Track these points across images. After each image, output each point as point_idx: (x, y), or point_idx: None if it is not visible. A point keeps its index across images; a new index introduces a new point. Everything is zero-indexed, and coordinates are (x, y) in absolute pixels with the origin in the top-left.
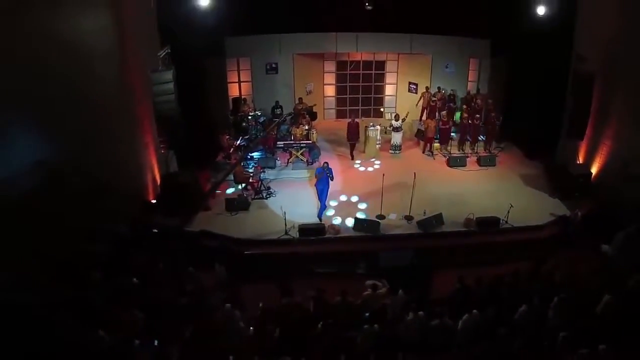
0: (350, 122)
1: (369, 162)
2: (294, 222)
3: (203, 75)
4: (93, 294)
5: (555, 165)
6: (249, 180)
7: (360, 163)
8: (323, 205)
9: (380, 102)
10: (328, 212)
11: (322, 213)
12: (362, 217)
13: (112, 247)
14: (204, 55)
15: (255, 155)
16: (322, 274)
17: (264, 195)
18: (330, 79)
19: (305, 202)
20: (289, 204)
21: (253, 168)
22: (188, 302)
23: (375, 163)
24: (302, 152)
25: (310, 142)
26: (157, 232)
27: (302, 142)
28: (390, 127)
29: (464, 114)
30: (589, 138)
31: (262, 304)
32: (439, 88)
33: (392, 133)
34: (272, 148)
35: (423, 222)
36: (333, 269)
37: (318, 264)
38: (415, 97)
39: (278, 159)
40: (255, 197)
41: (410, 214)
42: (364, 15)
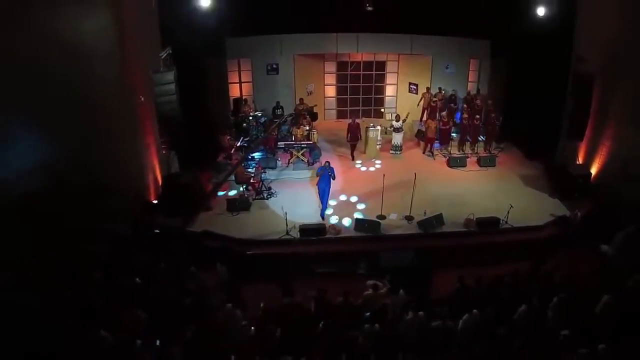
0: (351, 122)
1: (370, 162)
2: (295, 222)
3: (204, 76)
4: (95, 294)
5: (555, 166)
6: (250, 181)
7: (362, 163)
8: (325, 205)
9: (381, 102)
10: (327, 211)
11: (324, 212)
12: (359, 217)
13: (113, 247)
14: (205, 56)
15: (256, 156)
16: (323, 274)
17: (265, 196)
18: (331, 80)
19: (306, 202)
20: (290, 205)
21: (254, 168)
22: (190, 302)
23: (376, 163)
24: (302, 152)
25: (311, 142)
26: (158, 232)
27: (302, 142)
28: (391, 127)
29: (464, 115)
30: (589, 139)
31: (263, 304)
32: (440, 89)
33: (392, 133)
34: (272, 148)
35: (423, 222)
36: (334, 269)
37: (319, 264)
38: (416, 97)
39: (279, 160)
40: (256, 197)
41: (411, 214)
42: (365, 16)
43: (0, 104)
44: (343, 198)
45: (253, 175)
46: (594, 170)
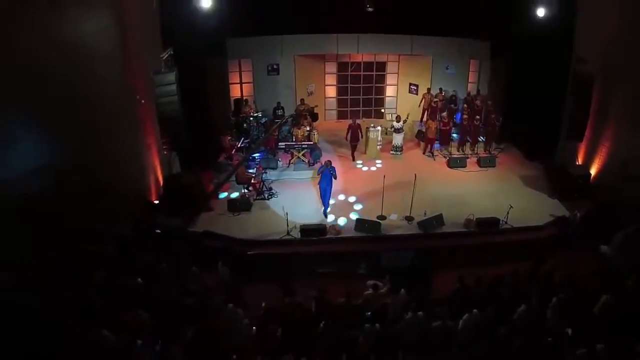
0: (352, 123)
1: (371, 162)
2: (296, 222)
3: (205, 77)
4: (96, 294)
5: (555, 166)
6: (251, 181)
7: (362, 163)
8: (327, 204)
9: (381, 103)
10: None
11: (326, 210)
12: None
13: (115, 247)
14: (206, 57)
15: (257, 156)
16: (323, 274)
17: (266, 196)
18: (332, 80)
19: (307, 202)
20: (291, 205)
21: (255, 169)
22: (191, 302)
23: (377, 163)
24: (303, 153)
25: (312, 143)
26: (160, 232)
27: (303, 143)
28: (391, 128)
29: (464, 115)
30: (589, 139)
31: (264, 304)
32: (441, 89)
33: (393, 134)
34: (273, 149)
35: (423, 222)
36: (334, 269)
37: (319, 264)
38: (416, 98)
39: (279, 160)
40: (257, 197)
41: (411, 215)
42: (365, 17)
43: (1, 104)
44: (341, 198)
45: (254, 176)
46: (594, 171)
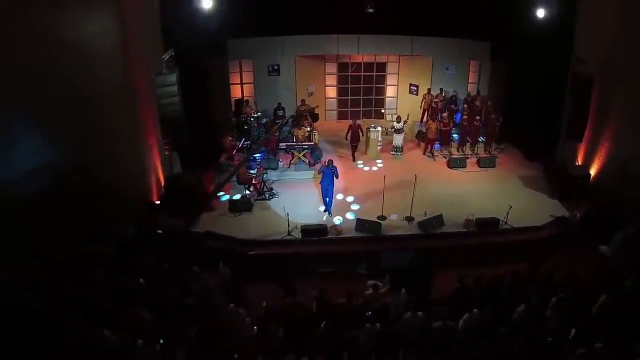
0: (352, 124)
1: (372, 161)
2: (297, 222)
3: (206, 77)
4: (97, 294)
5: (555, 167)
6: (252, 182)
7: (363, 163)
8: (330, 202)
9: (381, 103)
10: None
11: (330, 209)
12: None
13: (116, 247)
14: (207, 57)
15: (258, 157)
16: (324, 274)
17: (267, 197)
18: (332, 81)
19: (308, 203)
20: (292, 205)
21: (256, 169)
22: (193, 302)
23: (378, 162)
24: (304, 153)
25: (312, 143)
26: (161, 232)
27: (304, 143)
28: (392, 128)
29: (464, 116)
30: (588, 140)
31: (265, 304)
32: (441, 90)
33: (393, 135)
34: (274, 149)
35: (424, 223)
36: (335, 269)
37: (320, 264)
38: (416, 98)
39: (280, 161)
40: (258, 198)
41: (411, 215)
42: (365, 18)
43: (2, 105)
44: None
45: (255, 176)
46: (593, 171)
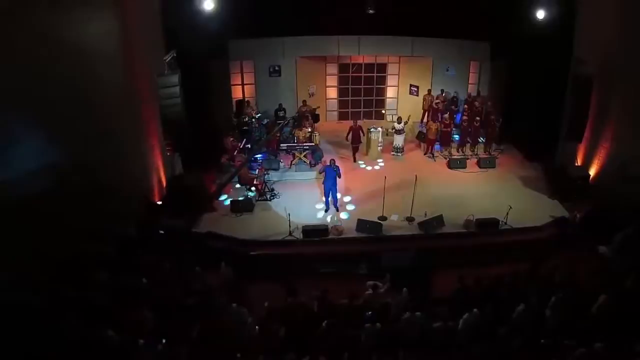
0: (353, 125)
1: (373, 161)
2: (298, 223)
3: (207, 78)
4: (99, 295)
5: (555, 167)
6: (254, 182)
7: (365, 162)
8: (335, 200)
9: (382, 104)
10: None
11: (337, 204)
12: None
13: (119, 247)
14: (208, 58)
15: (259, 157)
16: (325, 274)
17: (268, 197)
18: (333, 82)
19: (309, 203)
20: (293, 206)
21: (257, 170)
22: (195, 302)
23: (379, 162)
24: (305, 154)
25: (313, 144)
26: (163, 233)
27: (305, 144)
28: (392, 129)
29: (464, 117)
30: (588, 140)
31: (267, 304)
32: (442, 91)
33: (394, 135)
34: (275, 150)
35: (424, 223)
36: (336, 270)
37: (321, 265)
38: (416, 99)
39: (281, 161)
40: (260, 198)
41: (412, 215)
42: (366, 19)
43: (4, 105)
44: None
45: (257, 177)
46: (593, 172)
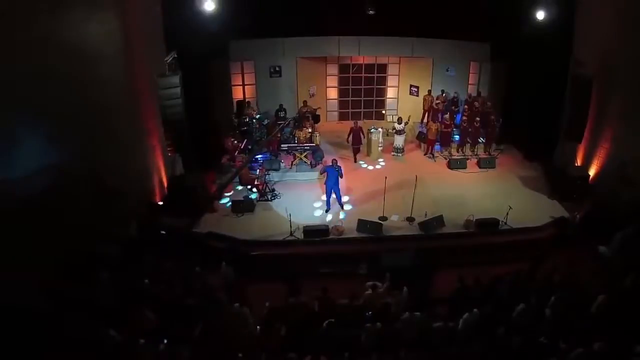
0: (353, 126)
1: (374, 161)
2: (299, 223)
3: (208, 79)
4: (102, 294)
5: (554, 167)
6: (255, 183)
7: (366, 162)
8: (340, 199)
9: (382, 104)
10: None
11: (341, 203)
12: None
13: (120, 247)
14: (209, 59)
15: (260, 158)
16: (325, 274)
17: (269, 197)
18: (333, 82)
19: (310, 203)
20: (294, 206)
21: (258, 170)
22: (196, 302)
23: (380, 161)
24: (305, 154)
25: (314, 144)
26: (164, 233)
27: (305, 144)
28: (393, 129)
29: (463, 117)
30: (587, 140)
31: (268, 304)
32: (442, 91)
33: (394, 136)
34: (276, 150)
35: (424, 223)
36: (337, 270)
37: (322, 265)
38: (416, 99)
39: (282, 162)
40: (260, 199)
41: (412, 216)
42: (366, 19)
43: (7, 106)
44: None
45: (257, 177)
46: (592, 172)
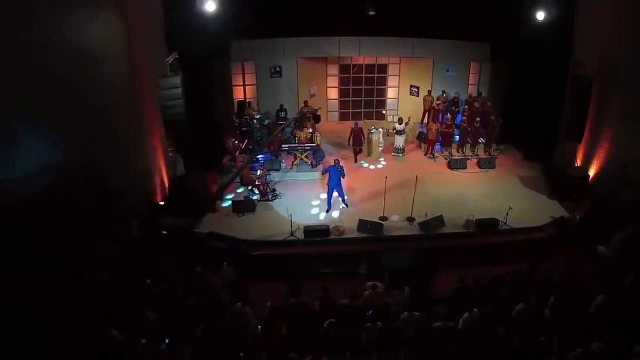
0: (354, 127)
1: (375, 160)
2: (299, 223)
3: (209, 79)
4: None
5: (554, 168)
6: (256, 183)
7: (367, 161)
8: (343, 198)
9: (383, 105)
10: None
11: (345, 202)
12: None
13: (122, 248)
14: (210, 59)
15: (261, 158)
16: (326, 274)
17: (270, 197)
18: (333, 82)
19: (310, 203)
20: (294, 206)
21: (259, 170)
22: (198, 301)
23: (381, 160)
24: (306, 154)
25: (314, 144)
26: (166, 233)
27: (306, 144)
28: (393, 130)
29: (463, 118)
30: (587, 141)
31: (269, 303)
32: (443, 91)
33: (395, 136)
34: (276, 151)
35: (424, 223)
36: (337, 270)
37: (322, 265)
38: (417, 99)
39: (283, 162)
40: (261, 199)
41: (412, 216)
42: (367, 20)
43: (7, 106)
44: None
45: (258, 177)
46: (592, 172)
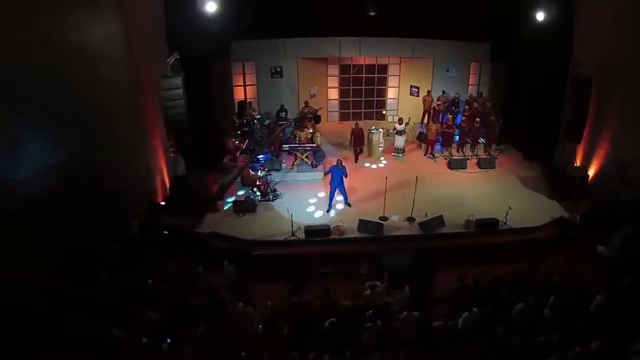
0: (355, 128)
1: (376, 160)
2: (300, 223)
3: (209, 80)
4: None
5: (554, 168)
6: (257, 183)
7: (367, 162)
8: (345, 197)
9: (383, 105)
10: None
11: (347, 201)
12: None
13: (123, 248)
14: (210, 60)
15: (262, 158)
16: (326, 274)
17: (271, 198)
18: (334, 82)
19: (311, 204)
20: (295, 206)
21: (259, 171)
22: (199, 301)
23: (382, 160)
24: (306, 155)
25: (315, 145)
26: (167, 233)
27: (306, 145)
28: (394, 130)
29: (463, 118)
30: (587, 141)
31: (270, 303)
32: (443, 92)
33: (395, 136)
34: (277, 151)
35: (424, 223)
36: (338, 269)
37: (323, 265)
38: (417, 100)
39: (283, 162)
40: (262, 199)
41: (412, 216)
42: (367, 20)
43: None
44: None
45: (259, 177)
46: (592, 172)
